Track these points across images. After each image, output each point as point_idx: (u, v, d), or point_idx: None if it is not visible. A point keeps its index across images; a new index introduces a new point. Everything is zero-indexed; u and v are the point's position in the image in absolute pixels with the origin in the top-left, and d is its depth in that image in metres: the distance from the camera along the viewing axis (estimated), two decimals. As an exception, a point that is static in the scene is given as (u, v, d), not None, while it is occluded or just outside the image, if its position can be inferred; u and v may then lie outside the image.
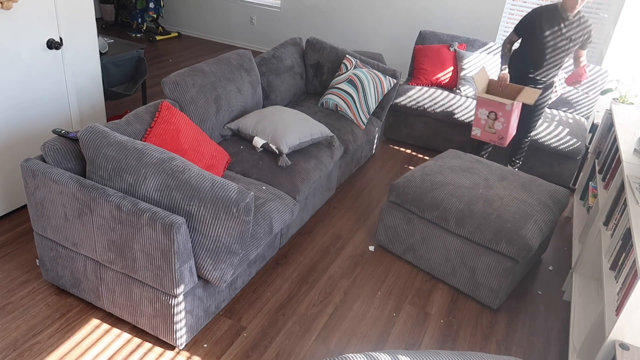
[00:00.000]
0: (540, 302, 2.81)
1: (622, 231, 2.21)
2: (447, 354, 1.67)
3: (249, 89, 3.15)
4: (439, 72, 4.35)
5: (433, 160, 3.09)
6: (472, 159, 3.15)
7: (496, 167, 3.08)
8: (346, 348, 2.36)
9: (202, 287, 2.16)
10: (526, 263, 2.78)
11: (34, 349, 2.16)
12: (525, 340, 2.53)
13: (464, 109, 4.08)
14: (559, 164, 3.91)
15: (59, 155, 2.17)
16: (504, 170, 3.05)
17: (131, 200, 1.95)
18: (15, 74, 2.70)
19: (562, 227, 3.54)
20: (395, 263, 2.95)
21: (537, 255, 3.00)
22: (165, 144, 2.37)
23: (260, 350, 2.29)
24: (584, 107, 4.20)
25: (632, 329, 1.81)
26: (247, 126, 2.93)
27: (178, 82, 2.70)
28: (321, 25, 5.94)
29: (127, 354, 2.19)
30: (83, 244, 2.14)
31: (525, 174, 3.04)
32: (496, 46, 4.39)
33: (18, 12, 2.60)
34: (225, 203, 1.93)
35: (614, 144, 2.96)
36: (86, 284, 2.28)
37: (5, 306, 2.36)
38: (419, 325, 2.54)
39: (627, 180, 2.30)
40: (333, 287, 2.72)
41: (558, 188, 2.96)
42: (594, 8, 4.57)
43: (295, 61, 3.71)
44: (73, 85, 3.07)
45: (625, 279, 1.98)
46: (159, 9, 6.41)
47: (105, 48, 3.56)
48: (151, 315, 2.14)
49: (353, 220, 3.31)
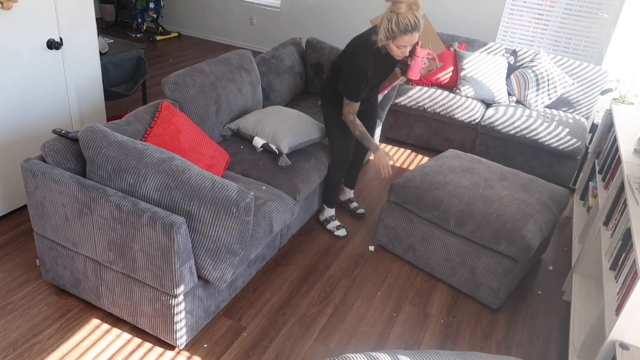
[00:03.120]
0: (540, 302, 2.81)
1: (622, 231, 2.21)
2: (447, 354, 1.67)
3: (249, 89, 3.15)
4: (439, 72, 4.35)
5: (433, 160, 3.09)
6: (472, 159, 3.15)
7: (496, 167, 3.08)
8: (346, 348, 2.36)
9: (202, 287, 2.16)
10: (526, 263, 2.77)
11: (34, 349, 2.16)
12: (525, 340, 2.53)
13: (464, 109, 4.08)
14: (559, 164, 3.91)
15: (59, 155, 2.17)
16: (504, 170, 3.05)
17: (131, 200, 1.95)
18: (15, 74, 2.70)
19: (562, 227, 3.54)
20: (395, 263, 2.95)
21: (537, 255, 3.00)
22: (165, 144, 2.37)
23: (260, 350, 2.29)
24: (584, 107, 4.20)
25: (632, 329, 1.81)
26: (247, 126, 2.93)
27: (178, 82, 2.70)
28: (321, 25, 5.94)
29: (127, 354, 2.19)
30: (83, 244, 2.14)
31: (526, 174, 3.04)
32: (496, 46, 4.39)
33: (18, 12, 2.60)
34: (225, 203, 1.93)
35: (614, 144, 2.96)
36: (86, 284, 2.28)
37: (5, 306, 2.36)
38: (419, 325, 2.54)
39: (627, 180, 2.30)
40: (333, 287, 2.72)
41: (558, 188, 2.96)
42: (594, 8, 4.57)
43: (295, 61, 3.71)
44: (73, 86, 3.07)
45: (625, 279, 1.98)
46: (159, 9, 6.41)
47: (105, 48, 3.56)
48: (151, 315, 2.14)
49: (353, 220, 3.31)
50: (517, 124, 3.91)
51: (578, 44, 4.73)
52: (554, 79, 4.10)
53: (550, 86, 4.10)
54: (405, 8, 2.38)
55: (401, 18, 2.37)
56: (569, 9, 4.66)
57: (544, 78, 4.10)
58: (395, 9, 2.39)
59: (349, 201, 3.39)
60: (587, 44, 4.70)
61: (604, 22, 4.57)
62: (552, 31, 4.80)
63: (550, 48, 4.86)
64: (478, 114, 4.06)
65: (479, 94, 4.19)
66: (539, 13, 4.80)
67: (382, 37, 2.49)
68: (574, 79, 4.16)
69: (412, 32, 2.41)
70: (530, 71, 4.15)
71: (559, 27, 4.76)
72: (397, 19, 2.37)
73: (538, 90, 4.12)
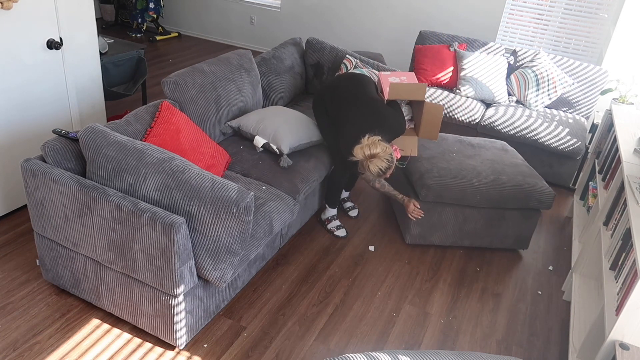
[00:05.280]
0: (540, 302, 2.81)
1: (622, 231, 2.21)
2: (447, 354, 1.67)
3: (249, 89, 3.15)
4: (439, 72, 4.35)
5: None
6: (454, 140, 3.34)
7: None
8: (346, 348, 2.36)
9: (202, 287, 2.16)
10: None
11: (34, 349, 2.16)
12: (525, 340, 2.53)
13: (464, 109, 4.08)
14: (559, 164, 3.91)
15: (59, 155, 2.17)
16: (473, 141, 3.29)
17: (131, 200, 1.95)
18: (15, 74, 2.70)
19: (562, 227, 3.54)
20: (395, 263, 2.95)
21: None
22: (165, 144, 2.37)
23: (260, 350, 2.29)
24: (584, 107, 4.20)
25: (632, 329, 1.81)
26: (248, 125, 2.93)
27: (178, 82, 2.70)
28: (321, 25, 5.94)
29: (127, 354, 2.19)
30: (83, 244, 2.14)
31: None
32: (496, 46, 4.39)
33: (18, 12, 2.60)
34: (225, 203, 1.93)
35: (614, 144, 2.96)
36: (86, 284, 2.28)
37: (5, 306, 2.36)
38: (419, 325, 2.54)
39: (627, 180, 2.30)
40: (333, 287, 2.72)
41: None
42: (594, 8, 4.57)
43: (295, 61, 3.71)
44: (73, 86, 3.07)
45: (625, 279, 1.98)
46: (159, 9, 6.40)
47: (105, 48, 3.56)
48: (151, 315, 2.14)
49: (353, 220, 3.31)
50: (517, 124, 3.91)
51: (578, 44, 4.73)
52: (554, 79, 4.10)
53: (550, 86, 4.10)
54: (375, 161, 2.49)
55: (372, 168, 2.50)
56: (569, 9, 4.66)
57: (544, 78, 4.10)
58: (365, 164, 2.51)
59: (342, 201, 3.40)
60: (587, 44, 4.70)
61: (604, 22, 4.57)
62: (552, 31, 4.80)
63: (550, 48, 4.86)
64: (478, 114, 4.06)
65: (479, 94, 4.19)
66: (539, 13, 4.80)
67: (362, 172, 2.64)
68: (574, 79, 4.16)
69: (385, 173, 2.55)
70: (530, 71, 4.15)
71: (559, 27, 4.76)
72: (370, 169, 2.51)
73: (538, 90, 4.12)
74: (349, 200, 3.41)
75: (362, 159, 2.51)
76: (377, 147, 2.48)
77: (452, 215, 2.97)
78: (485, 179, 2.92)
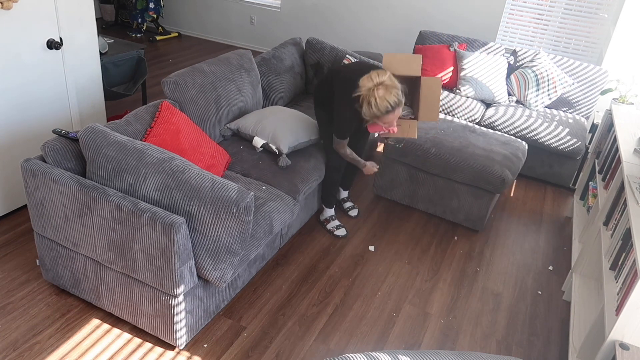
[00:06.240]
0: (540, 302, 2.81)
1: (622, 231, 2.21)
2: (447, 354, 1.67)
3: (249, 89, 3.15)
4: (439, 72, 4.35)
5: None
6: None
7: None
8: (346, 348, 2.36)
9: (202, 287, 2.16)
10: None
11: (34, 349, 2.16)
12: (525, 340, 2.53)
13: (464, 108, 4.08)
14: (559, 164, 3.91)
15: (59, 155, 2.17)
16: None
17: (131, 200, 1.95)
18: (15, 74, 2.70)
19: (562, 227, 3.54)
20: (395, 263, 2.95)
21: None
22: (165, 144, 2.37)
23: (260, 350, 2.29)
24: (584, 107, 4.20)
25: (632, 329, 1.81)
26: (247, 126, 2.93)
27: (178, 82, 2.70)
28: (321, 25, 5.94)
29: (128, 354, 2.19)
30: (83, 244, 2.14)
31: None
32: (496, 46, 4.39)
33: (18, 12, 2.60)
34: (225, 203, 1.93)
35: (614, 144, 2.96)
36: (86, 284, 2.28)
37: (5, 306, 2.36)
38: (419, 325, 2.54)
39: (627, 180, 2.30)
40: (333, 287, 2.72)
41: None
42: (594, 8, 4.57)
43: (295, 61, 3.71)
44: (73, 86, 3.07)
45: (625, 279, 1.98)
46: (159, 9, 6.41)
47: (105, 48, 3.56)
48: (151, 315, 2.14)
49: (353, 219, 3.31)
50: (517, 124, 3.91)
51: (578, 44, 4.73)
52: (554, 79, 4.10)
53: (550, 86, 4.10)
54: (382, 91, 2.37)
55: (379, 101, 2.37)
56: (569, 9, 4.66)
57: (544, 78, 4.10)
58: (372, 94, 2.39)
59: (342, 201, 3.40)
60: (587, 44, 4.70)
61: (604, 22, 4.57)
62: (552, 31, 4.80)
63: (550, 48, 4.86)
64: (478, 114, 4.06)
65: (479, 94, 4.19)
66: (539, 13, 4.80)
67: (367, 117, 2.52)
68: (574, 79, 4.16)
69: (393, 110, 2.42)
70: (530, 71, 4.15)
71: (559, 27, 4.76)
72: (376, 102, 2.37)
73: (538, 90, 4.12)
74: (349, 200, 3.41)
75: (370, 87, 2.37)
76: (384, 74, 2.38)
77: (407, 175, 3.32)
78: (442, 149, 3.13)
